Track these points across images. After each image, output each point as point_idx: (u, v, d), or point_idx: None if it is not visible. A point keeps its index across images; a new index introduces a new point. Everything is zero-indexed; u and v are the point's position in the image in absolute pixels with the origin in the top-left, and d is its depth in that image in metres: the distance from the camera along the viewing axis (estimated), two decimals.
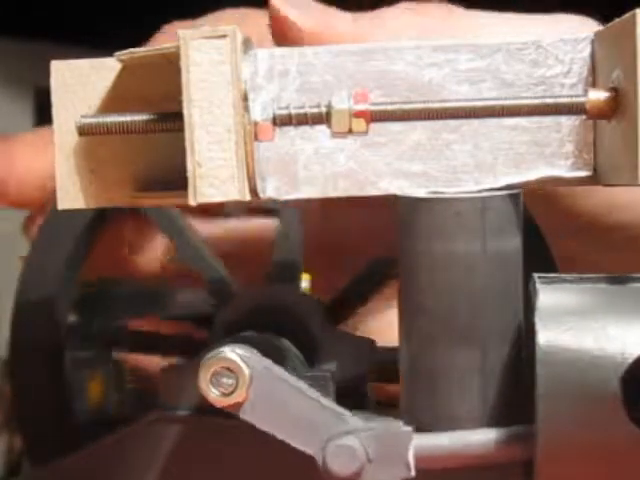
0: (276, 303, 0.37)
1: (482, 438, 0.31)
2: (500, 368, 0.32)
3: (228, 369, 0.33)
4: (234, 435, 0.34)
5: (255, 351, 0.34)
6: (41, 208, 0.43)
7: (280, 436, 0.31)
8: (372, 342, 0.38)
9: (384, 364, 0.37)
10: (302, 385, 0.31)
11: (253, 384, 0.31)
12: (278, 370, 0.31)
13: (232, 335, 0.36)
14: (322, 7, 0.39)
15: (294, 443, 0.31)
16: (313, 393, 0.31)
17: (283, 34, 0.38)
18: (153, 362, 0.45)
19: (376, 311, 0.44)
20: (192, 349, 0.39)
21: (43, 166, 0.43)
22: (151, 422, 0.35)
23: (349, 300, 0.40)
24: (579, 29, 0.33)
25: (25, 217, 0.45)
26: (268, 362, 0.31)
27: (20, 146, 0.44)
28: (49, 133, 0.43)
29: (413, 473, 0.31)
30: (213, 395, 0.33)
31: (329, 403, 0.31)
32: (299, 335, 0.37)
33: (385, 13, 0.39)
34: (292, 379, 0.31)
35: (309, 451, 0.30)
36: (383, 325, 0.44)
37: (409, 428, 0.31)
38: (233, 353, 0.33)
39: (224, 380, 0.33)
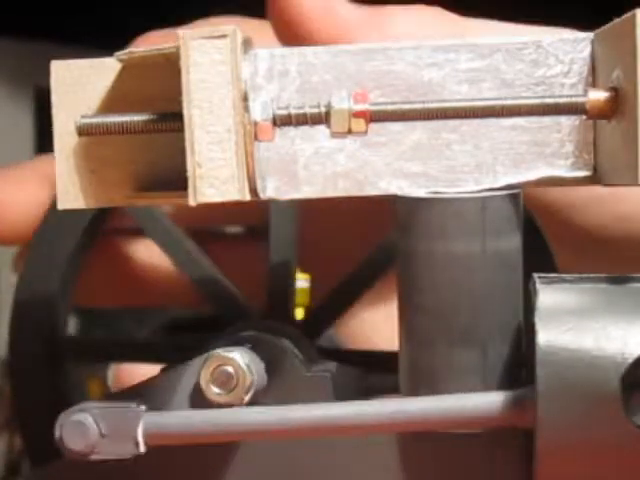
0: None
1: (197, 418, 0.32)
2: (500, 368, 0.32)
3: (228, 368, 0.33)
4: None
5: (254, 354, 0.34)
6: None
7: None
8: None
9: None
10: None
11: None
12: None
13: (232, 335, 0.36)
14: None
15: None
16: None
17: (281, 13, 0.37)
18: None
19: (370, 306, 0.44)
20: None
21: (27, 200, 0.42)
22: None
23: (338, 302, 0.40)
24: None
25: (15, 253, 0.44)
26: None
27: (8, 180, 0.43)
28: (33, 166, 0.42)
29: (143, 449, 0.32)
30: (214, 393, 0.33)
31: None
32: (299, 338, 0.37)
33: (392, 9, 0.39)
34: None
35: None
36: (377, 320, 0.43)
37: (141, 407, 0.32)
38: (233, 352, 0.33)
39: (224, 378, 0.33)
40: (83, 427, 0.32)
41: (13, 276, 0.41)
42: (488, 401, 0.30)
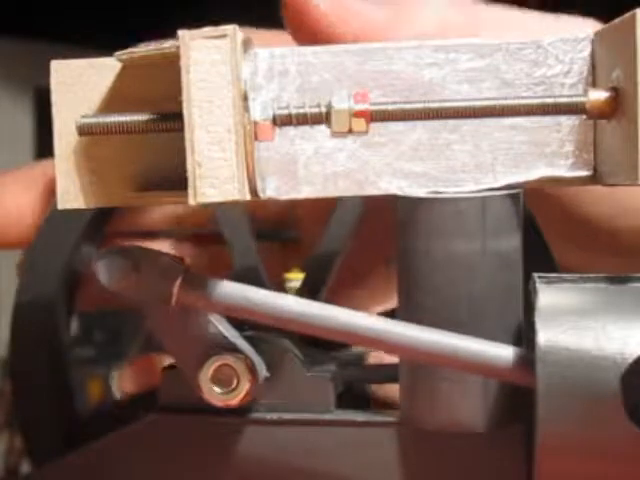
0: None
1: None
2: None
3: (229, 368, 0.33)
4: (234, 434, 0.34)
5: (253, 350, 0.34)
6: None
7: None
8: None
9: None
10: None
11: None
12: None
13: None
14: None
15: None
16: None
17: (298, 18, 0.37)
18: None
19: (360, 307, 0.43)
20: None
21: (30, 203, 0.42)
22: (151, 422, 0.35)
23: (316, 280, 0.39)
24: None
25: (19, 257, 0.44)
26: None
27: (6, 185, 0.43)
28: (33, 170, 0.42)
29: (174, 302, 0.32)
30: (215, 394, 0.33)
31: None
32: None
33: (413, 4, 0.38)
34: None
35: None
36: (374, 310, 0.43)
37: (181, 265, 0.32)
38: (234, 352, 0.33)
39: (225, 379, 0.33)
40: (121, 264, 0.32)
41: (14, 277, 0.41)
42: (498, 353, 0.30)
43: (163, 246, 0.43)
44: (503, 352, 0.30)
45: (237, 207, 0.39)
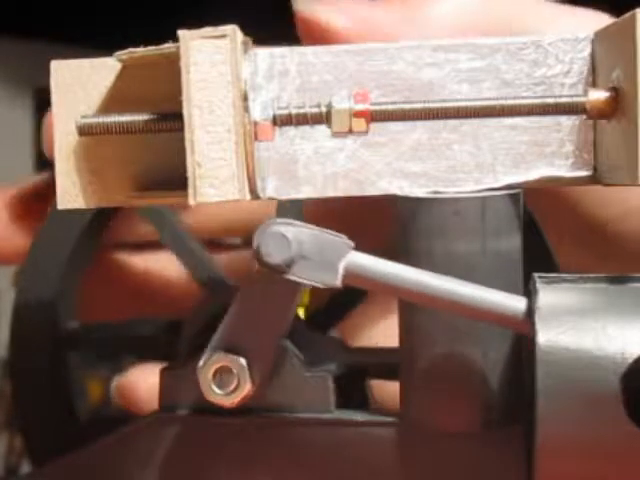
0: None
1: (425, 279, 0.30)
2: (500, 368, 0.32)
3: (230, 368, 0.33)
4: (234, 434, 0.34)
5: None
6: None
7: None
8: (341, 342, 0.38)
9: (356, 364, 0.37)
10: None
11: None
12: None
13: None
14: (353, 4, 0.37)
15: None
16: None
17: (314, 38, 0.36)
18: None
19: (368, 319, 0.43)
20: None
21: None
22: (151, 422, 0.35)
23: (338, 307, 0.40)
24: None
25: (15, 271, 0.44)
26: None
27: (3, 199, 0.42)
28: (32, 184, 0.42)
29: (339, 283, 0.30)
30: (215, 394, 0.33)
31: None
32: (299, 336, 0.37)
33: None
34: None
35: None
36: (375, 334, 0.43)
37: (350, 242, 0.30)
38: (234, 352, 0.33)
39: (226, 379, 0.33)
40: (284, 240, 0.30)
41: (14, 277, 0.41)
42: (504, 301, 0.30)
43: (166, 256, 0.42)
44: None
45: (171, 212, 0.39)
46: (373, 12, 0.37)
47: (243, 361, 0.33)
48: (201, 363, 0.33)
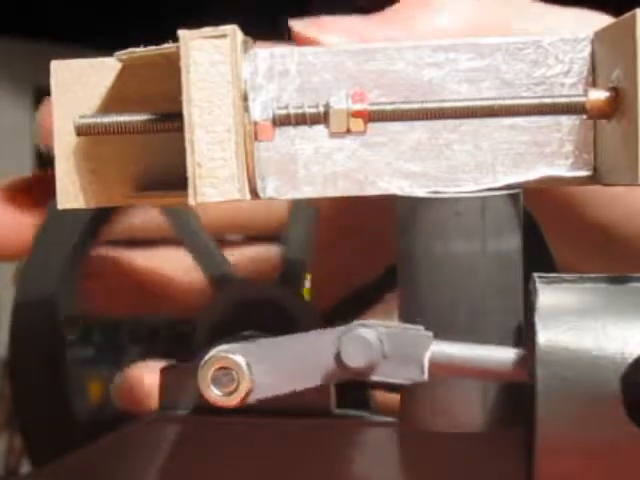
0: (262, 300, 0.37)
1: (498, 355, 0.30)
2: None
3: (229, 369, 0.33)
4: (234, 434, 0.34)
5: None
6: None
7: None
8: None
9: None
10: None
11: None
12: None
13: (219, 334, 0.36)
14: (348, 23, 0.37)
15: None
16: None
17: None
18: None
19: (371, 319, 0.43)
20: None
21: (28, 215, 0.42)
22: (151, 422, 0.35)
23: (350, 308, 0.40)
24: None
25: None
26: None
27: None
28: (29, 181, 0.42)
29: (426, 377, 0.30)
30: (214, 395, 0.33)
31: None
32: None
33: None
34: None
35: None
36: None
37: (429, 332, 0.30)
38: (234, 353, 0.33)
39: (225, 380, 0.33)
40: (366, 343, 0.30)
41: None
42: (505, 357, 0.30)
43: (166, 253, 0.42)
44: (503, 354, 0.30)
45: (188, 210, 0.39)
46: (368, 29, 0.37)
47: (243, 361, 0.33)
48: (201, 363, 0.33)
